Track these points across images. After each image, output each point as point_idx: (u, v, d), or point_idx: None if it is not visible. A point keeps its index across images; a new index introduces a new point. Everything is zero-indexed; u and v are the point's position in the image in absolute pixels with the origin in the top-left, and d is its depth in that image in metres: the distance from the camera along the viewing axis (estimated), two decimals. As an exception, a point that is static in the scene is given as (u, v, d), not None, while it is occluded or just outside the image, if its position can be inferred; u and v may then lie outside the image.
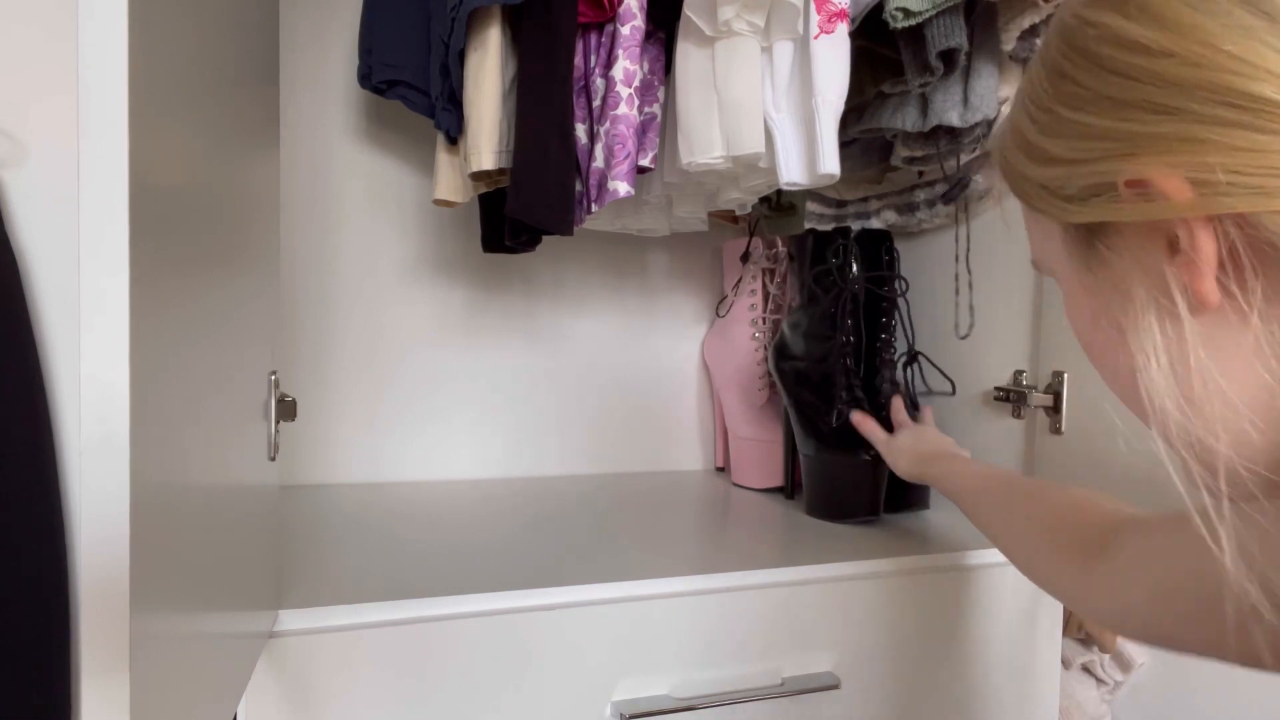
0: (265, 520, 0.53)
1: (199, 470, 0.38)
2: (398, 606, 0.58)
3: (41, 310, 0.67)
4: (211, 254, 0.40)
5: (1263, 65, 0.26)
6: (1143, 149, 0.28)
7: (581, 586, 0.63)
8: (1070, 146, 0.31)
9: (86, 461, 0.28)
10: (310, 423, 0.97)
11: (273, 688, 0.55)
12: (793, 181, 0.71)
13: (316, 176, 0.98)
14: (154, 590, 0.32)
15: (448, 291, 1.04)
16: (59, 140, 0.69)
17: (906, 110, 0.79)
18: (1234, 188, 0.26)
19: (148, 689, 0.31)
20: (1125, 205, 0.29)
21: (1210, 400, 0.29)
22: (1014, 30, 0.73)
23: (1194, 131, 0.27)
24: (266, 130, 0.53)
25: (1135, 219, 0.29)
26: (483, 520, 0.84)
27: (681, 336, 1.16)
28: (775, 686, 0.67)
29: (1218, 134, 0.26)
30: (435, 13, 0.78)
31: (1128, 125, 0.29)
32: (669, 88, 0.77)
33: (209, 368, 0.39)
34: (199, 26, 0.37)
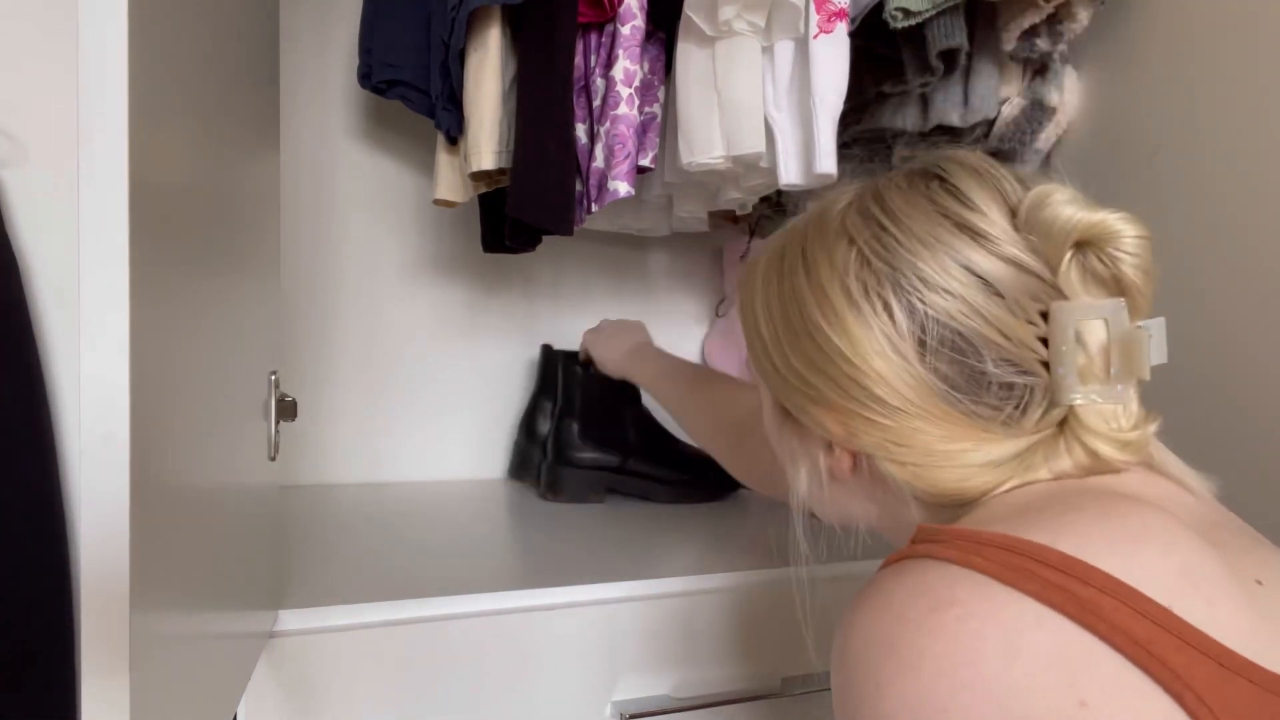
0: (265, 520, 0.53)
1: (199, 470, 0.38)
2: (398, 606, 0.58)
3: (41, 310, 0.67)
4: (211, 254, 0.40)
5: (885, 379, 0.39)
6: (821, 402, 0.42)
7: (581, 586, 0.63)
8: (791, 371, 0.43)
9: (86, 461, 0.28)
10: (310, 423, 0.97)
11: (273, 688, 0.55)
12: (791, 183, 0.71)
13: (316, 176, 0.98)
14: (154, 590, 0.32)
15: (448, 291, 1.04)
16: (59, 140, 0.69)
17: (906, 110, 0.79)
18: (865, 442, 0.41)
19: (148, 689, 0.31)
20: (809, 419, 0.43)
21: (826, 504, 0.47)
22: (1014, 30, 0.73)
23: (851, 408, 0.40)
24: (266, 130, 0.53)
25: (812, 427, 0.44)
26: (483, 520, 0.84)
27: (681, 336, 1.16)
28: (775, 686, 0.67)
29: (860, 413, 0.40)
30: (435, 13, 0.78)
31: (818, 386, 0.42)
32: (669, 88, 0.77)
33: (209, 368, 0.39)
34: (199, 26, 0.37)
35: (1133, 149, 0.75)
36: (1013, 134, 0.80)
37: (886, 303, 0.39)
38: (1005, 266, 0.38)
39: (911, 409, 0.39)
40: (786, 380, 0.44)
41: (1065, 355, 0.37)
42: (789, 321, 0.43)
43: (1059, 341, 0.37)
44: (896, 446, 0.40)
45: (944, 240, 0.38)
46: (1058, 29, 0.74)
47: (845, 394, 0.40)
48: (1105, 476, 0.38)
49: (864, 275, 0.40)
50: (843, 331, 0.40)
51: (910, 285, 0.38)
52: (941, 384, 0.38)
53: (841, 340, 0.40)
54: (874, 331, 0.39)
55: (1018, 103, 0.80)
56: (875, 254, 0.40)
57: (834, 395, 0.41)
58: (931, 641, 0.30)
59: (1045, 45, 0.74)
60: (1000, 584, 0.31)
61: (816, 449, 0.44)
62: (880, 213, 0.41)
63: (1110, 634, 0.29)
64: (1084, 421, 0.38)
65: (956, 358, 0.38)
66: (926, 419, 0.39)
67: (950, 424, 0.39)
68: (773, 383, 0.45)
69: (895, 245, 0.39)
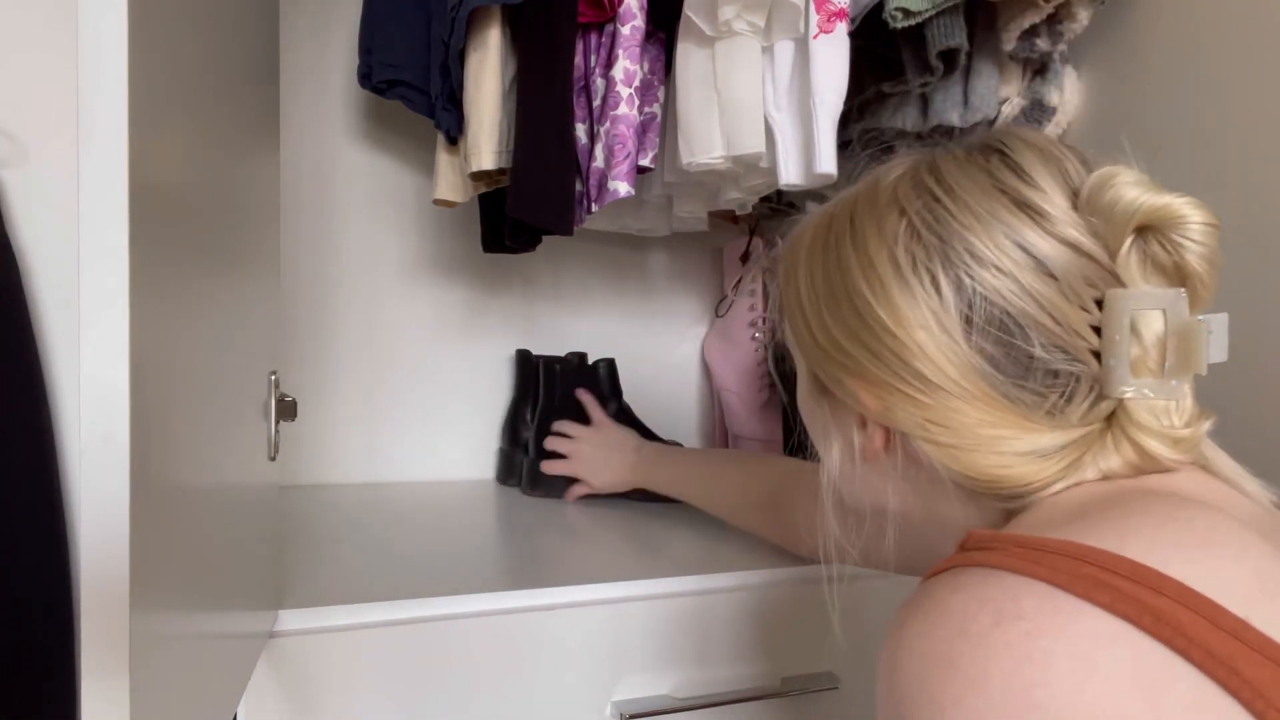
0: (265, 520, 0.53)
1: (199, 470, 0.38)
2: (398, 606, 0.58)
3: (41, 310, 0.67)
4: (211, 254, 0.40)
5: (928, 354, 0.37)
6: (859, 375, 0.41)
7: (581, 586, 0.63)
8: (830, 341, 0.42)
9: (86, 461, 0.28)
10: (310, 423, 0.97)
11: (273, 688, 0.55)
12: (791, 183, 0.71)
13: (317, 176, 0.98)
14: (154, 590, 0.32)
15: (448, 291, 1.04)
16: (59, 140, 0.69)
17: (906, 110, 0.79)
18: (901, 418, 0.39)
19: (148, 689, 0.31)
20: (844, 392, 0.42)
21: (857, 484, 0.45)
22: (1014, 30, 0.73)
23: (891, 382, 0.39)
24: (266, 130, 0.53)
25: (847, 401, 0.42)
26: (483, 520, 0.84)
27: (681, 337, 1.16)
28: (775, 686, 0.67)
29: (900, 388, 0.39)
30: (435, 13, 0.78)
31: (856, 357, 0.40)
32: (669, 88, 0.77)
33: (209, 368, 0.39)
34: (199, 26, 0.37)
35: (1133, 149, 0.75)
36: (1013, 134, 0.80)
37: (934, 276, 0.37)
38: (1061, 248, 0.36)
39: (953, 388, 0.37)
40: (825, 351, 0.42)
41: (1118, 345, 0.35)
42: (832, 290, 0.41)
43: (1112, 330, 0.35)
44: (934, 426, 0.38)
45: (999, 216, 0.37)
46: (1058, 29, 0.74)
47: (885, 367, 0.39)
48: (1159, 476, 0.36)
49: (913, 247, 0.38)
50: (887, 302, 0.38)
51: (960, 260, 0.37)
52: (986, 364, 0.37)
53: (885, 311, 0.38)
54: (919, 305, 0.37)
55: (1018, 103, 0.80)
56: (926, 225, 0.38)
57: (873, 368, 0.39)
58: (998, 659, 0.28)
59: (1045, 45, 0.74)
60: (1069, 595, 0.29)
61: (850, 425, 0.43)
62: (935, 184, 0.39)
63: (1189, 649, 0.27)
64: (1134, 416, 0.36)
65: (1003, 338, 0.36)
66: (967, 399, 0.37)
67: (992, 407, 0.37)
68: (810, 353, 0.44)
69: (948, 218, 0.38)
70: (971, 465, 0.38)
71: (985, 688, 0.28)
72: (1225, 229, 0.48)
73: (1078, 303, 0.36)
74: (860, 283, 0.40)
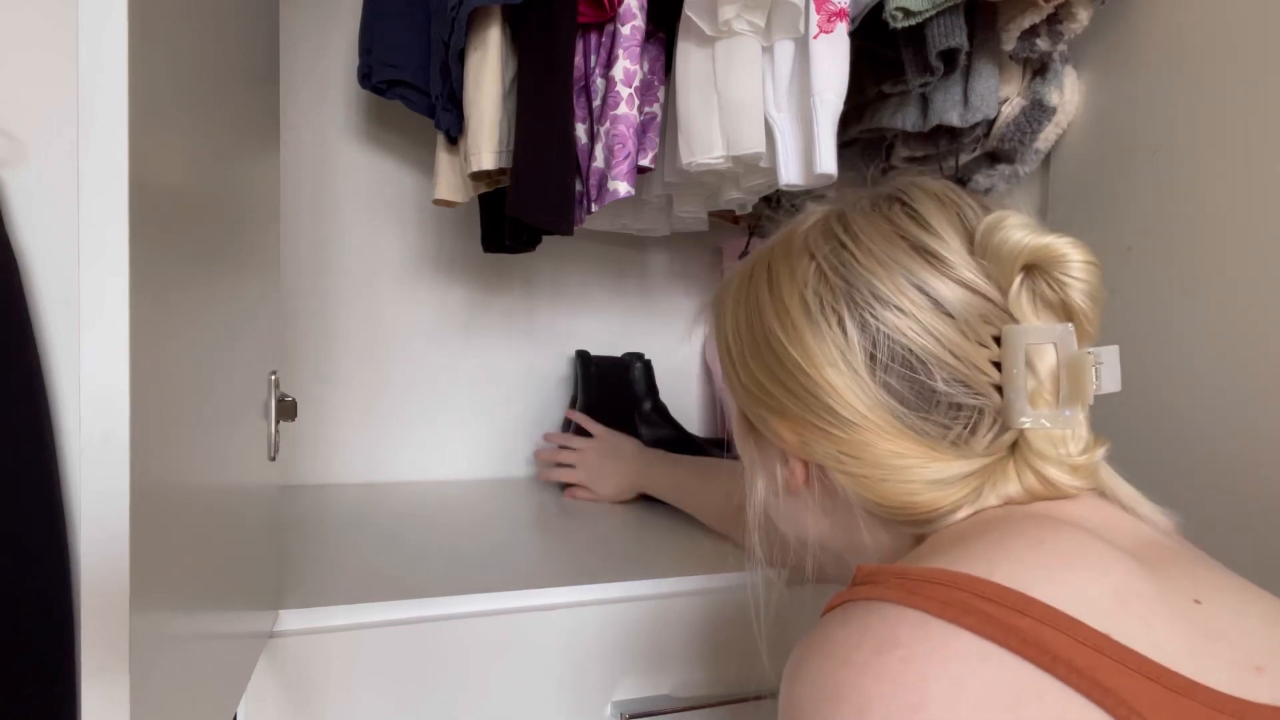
0: (265, 520, 0.53)
1: (199, 470, 0.38)
2: (398, 606, 0.58)
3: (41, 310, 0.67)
4: (211, 254, 0.40)
5: (837, 391, 0.40)
6: (779, 412, 0.43)
7: (581, 586, 0.63)
8: (753, 381, 0.45)
9: (86, 461, 0.28)
10: (310, 423, 0.97)
11: (273, 688, 0.55)
12: (791, 183, 0.71)
13: (316, 176, 0.98)
14: (154, 590, 0.32)
15: (448, 291, 1.04)
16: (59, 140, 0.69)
17: (907, 110, 0.79)
18: (817, 451, 0.42)
19: (148, 689, 0.31)
20: (767, 430, 0.45)
21: (782, 516, 0.48)
22: (1014, 30, 0.73)
23: (806, 417, 0.42)
24: (266, 130, 0.53)
25: (770, 438, 0.45)
26: (483, 520, 0.84)
27: (681, 336, 1.16)
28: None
29: (814, 423, 0.41)
30: (435, 13, 0.78)
31: (776, 396, 0.43)
32: (669, 88, 0.77)
33: (209, 368, 0.39)
34: (199, 26, 0.37)
35: (1133, 149, 0.75)
36: (1013, 134, 0.80)
37: (840, 317, 0.40)
38: (958, 288, 0.39)
39: (862, 421, 0.40)
40: (750, 391, 0.45)
41: (1015, 378, 0.38)
42: (752, 332, 0.44)
43: (1010, 364, 0.38)
44: (847, 458, 0.40)
45: (900, 261, 0.40)
46: (1058, 29, 0.74)
47: (801, 403, 0.42)
48: (1049, 503, 0.39)
49: (821, 289, 0.41)
50: (799, 342, 0.41)
51: (864, 301, 0.40)
52: (891, 399, 0.39)
53: (797, 351, 0.41)
54: (827, 344, 0.40)
55: (1018, 103, 0.80)
56: (833, 269, 0.41)
57: (790, 404, 0.42)
58: (877, 685, 0.30)
59: (1045, 45, 0.74)
60: (940, 620, 0.31)
61: (774, 461, 0.46)
62: (842, 232, 0.42)
63: (1052, 665, 0.29)
64: (1033, 446, 0.38)
65: (907, 374, 0.39)
66: (876, 432, 0.40)
67: (899, 439, 0.39)
68: (737, 393, 0.47)
69: (853, 262, 0.41)
70: (881, 493, 0.40)
71: (867, 713, 0.30)
72: (1225, 228, 0.48)
73: (976, 339, 0.39)
74: (774, 324, 0.43)
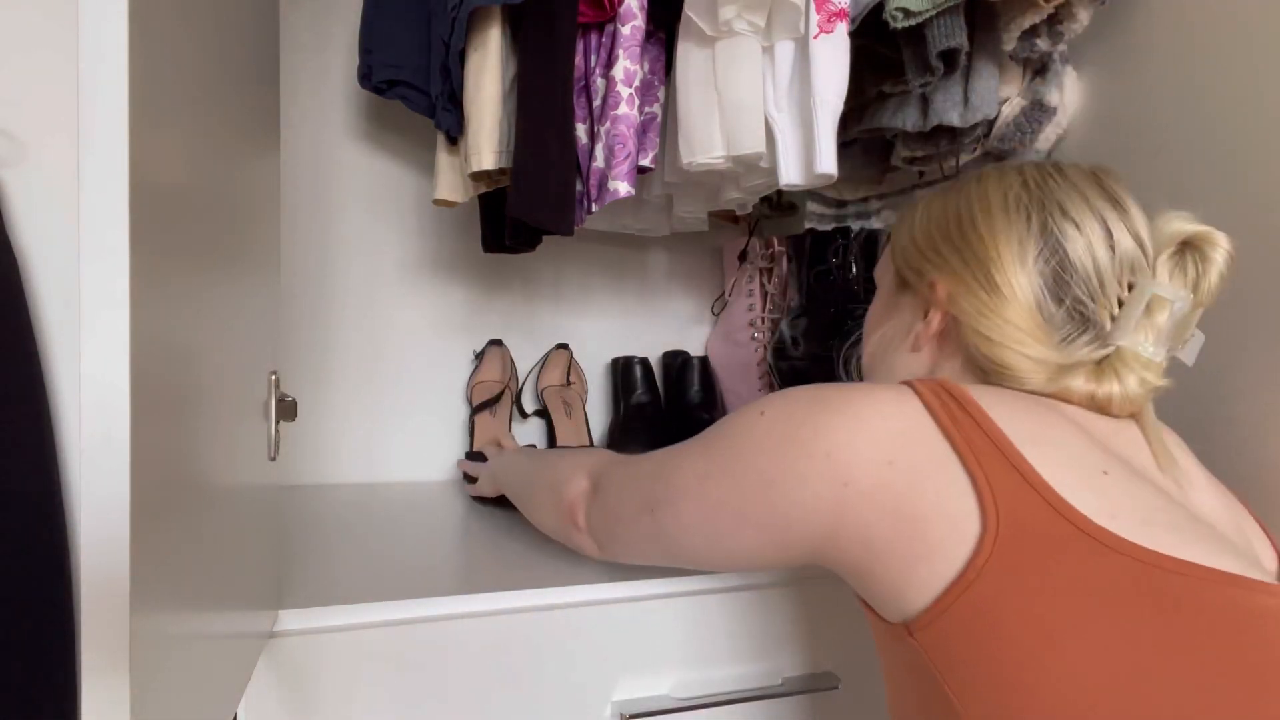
0: (265, 520, 0.53)
1: (199, 470, 0.38)
2: (398, 606, 0.58)
3: (41, 310, 0.67)
4: (212, 254, 0.40)
5: (1004, 264, 0.50)
6: (945, 270, 0.53)
7: (581, 586, 0.63)
8: (930, 245, 0.55)
9: (86, 462, 0.28)
10: (310, 423, 0.97)
11: (273, 688, 0.55)
12: (791, 183, 0.71)
13: (316, 176, 0.98)
14: (154, 590, 0.32)
15: (448, 291, 1.04)
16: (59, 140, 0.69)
17: (907, 110, 0.79)
18: (964, 306, 0.51)
19: (148, 689, 0.31)
20: (921, 285, 0.55)
21: (885, 358, 0.59)
22: (1014, 30, 0.73)
23: (966, 277, 0.51)
24: (266, 130, 0.53)
25: (922, 291, 0.55)
26: (483, 520, 0.84)
27: (681, 337, 1.16)
28: (775, 686, 0.67)
29: (972, 283, 0.51)
30: (435, 13, 0.78)
31: (946, 257, 0.53)
32: (669, 88, 0.77)
33: (209, 368, 0.39)
34: (199, 26, 0.37)
35: (1133, 149, 0.75)
36: (1013, 134, 0.80)
37: (1029, 215, 0.50)
38: (1127, 236, 0.49)
39: (1009, 294, 0.49)
40: (921, 251, 0.55)
41: (1132, 315, 0.48)
42: (946, 211, 0.54)
43: (1133, 305, 0.48)
44: (983, 317, 0.50)
45: (1093, 199, 0.50)
46: (1058, 29, 0.74)
47: (968, 267, 0.51)
48: (1083, 411, 0.49)
49: (1021, 193, 0.51)
50: (989, 221, 0.51)
51: (1052, 211, 0.50)
52: (1036, 287, 0.49)
53: (985, 227, 0.51)
54: (1011, 229, 0.50)
55: (1018, 103, 0.80)
56: (1037, 184, 0.51)
57: (958, 266, 0.52)
58: (852, 393, 0.44)
59: (1045, 45, 0.74)
60: (913, 393, 0.44)
61: (911, 316, 0.56)
62: (1051, 168, 0.52)
63: (953, 435, 0.41)
64: (1122, 358, 0.48)
65: (1058, 274, 0.49)
66: (1014, 307, 0.49)
67: (1026, 318, 0.49)
68: (906, 255, 0.57)
69: (1054, 186, 0.51)
70: (992, 354, 0.50)
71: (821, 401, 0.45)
72: (1225, 229, 0.50)
73: (1117, 276, 0.49)
74: (974, 205, 0.52)
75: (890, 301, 0.59)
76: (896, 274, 0.58)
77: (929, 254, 0.54)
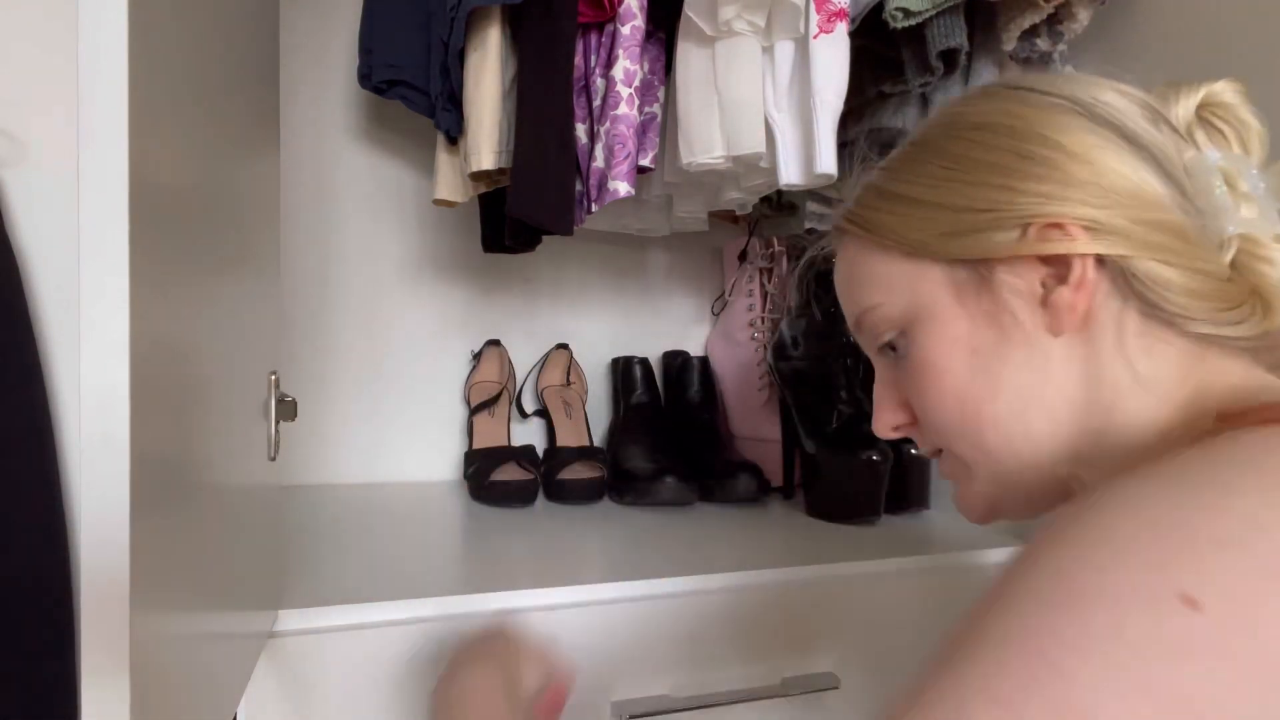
0: (265, 520, 0.53)
1: (199, 470, 0.38)
2: (398, 606, 0.58)
3: (41, 310, 0.67)
4: (212, 254, 0.40)
5: (1108, 160, 0.37)
6: (1045, 208, 0.37)
7: (581, 586, 0.63)
8: (970, 196, 0.39)
9: (86, 462, 0.28)
10: (310, 423, 0.97)
11: (273, 688, 0.55)
12: (791, 183, 0.71)
13: (316, 176, 0.98)
14: (154, 590, 0.32)
15: (448, 291, 1.04)
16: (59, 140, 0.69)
17: (907, 110, 0.79)
18: (1120, 225, 0.36)
19: (148, 689, 0.31)
20: (1032, 242, 0.37)
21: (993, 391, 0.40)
22: (1014, 30, 0.73)
23: (1080, 197, 0.36)
24: (266, 130, 0.53)
25: (1042, 252, 0.37)
26: (483, 520, 0.84)
27: (682, 337, 1.16)
28: (775, 686, 0.66)
29: (1103, 201, 0.36)
30: (435, 13, 0.78)
31: (1038, 192, 0.37)
32: (669, 88, 0.77)
33: (209, 368, 0.39)
34: (199, 26, 0.37)
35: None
36: (1013, 134, 0.80)
37: (1073, 107, 0.39)
38: (1159, 115, 0.39)
39: (1153, 197, 0.36)
40: (991, 212, 0.38)
41: (1219, 194, 0.37)
42: (990, 149, 0.39)
43: (1209, 183, 0.37)
44: (1145, 227, 0.36)
45: (1098, 88, 0.40)
46: (1058, 29, 0.74)
47: (1072, 186, 0.37)
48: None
49: (1037, 97, 0.40)
50: (1070, 133, 0.37)
51: (1081, 98, 0.39)
52: (1153, 177, 0.37)
53: (1048, 128, 0.38)
54: (1073, 122, 0.38)
55: (1018, 103, 0.80)
56: (1039, 88, 0.40)
57: (1064, 191, 0.37)
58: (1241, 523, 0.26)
59: (1045, 45, 0.74)
60: None
61: (1024, 299, 0.38)
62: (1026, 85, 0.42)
63: None
64: (1255, 245, 0.36)
65: (1157, 164, 0.37)
66: (1157, 207, 0.36)
67: (1170, 216, 0.36)
68: (964, 242, 0.39)
69: (1056, 84, 0.40)
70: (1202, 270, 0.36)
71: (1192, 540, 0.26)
72: None
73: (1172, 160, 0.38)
74: (1035, 124, 0.38)
75: (957, 306, 0.40)
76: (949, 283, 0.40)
77: (1008, 211, 0.38)
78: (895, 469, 0.85)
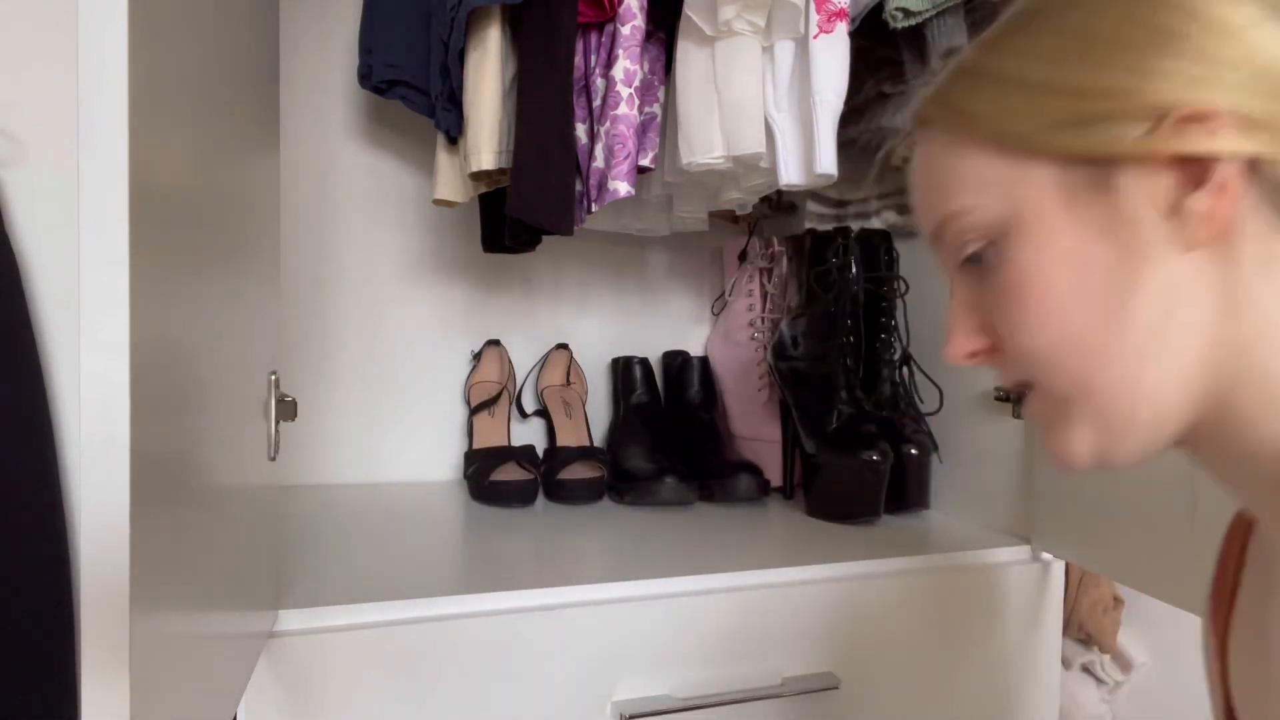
0: (265, 520, 0.53)
1: (199, 470, 0.38)
2: (398, 606, 0.58)
3: (41, 310, 0.67)
4: (212, 254, 0.40)
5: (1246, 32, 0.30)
6: (1186, 86, 0.30)
7: (581, 586, 0.63)
8: (1090, 78, 0.32)
9: (86, 462, 0.28)
10: (310, 423, 0.97)
11: (273, 688, 0.55)
12: (791, 183, 0.71)
13: (317, 176, 0.98)
14: (154, 590, 0.32)
15: (448, 291, 1.04)
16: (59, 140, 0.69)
17: (906, 110, 0.79)
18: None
19: (148, 689, 0.31)
20: (1166, 136, 0.30)
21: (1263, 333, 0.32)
22: (1014, 30, 0.73)
23: (1220, 81, 0.30)
24: (266, 130, 0.53)
25: (1179, 149, 0.30)
26: (483, 520, 0.84)
27: (682, 337, 1.16)
28: (775, 686, 0.67)
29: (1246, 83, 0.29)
30: (435, 13, 0.78)
31: (1175, 72, 0.30)
32: (669, 88, 0.77)
33: (209, 368, 0.39)
34: (199, 26, 0.37)
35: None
36: (1013, 134, 0.80)
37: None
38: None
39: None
40: (1100, 109, 0.32)
41: None
42: (1119, 20, 0.32)
43: None
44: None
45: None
46: (1058, 29, 0.74)
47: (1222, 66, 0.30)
48: None
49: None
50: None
51: None
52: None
53: (1210, 6, 0.30)
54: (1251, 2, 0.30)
55: (1018, 103, 0.80)
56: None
57: (1203, 71, 0.30)
58: None
59: (1045, 45, 0.74)
60: None
61: (1150, 207, 0.31)
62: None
63: None
64: None
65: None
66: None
67: None
68: (1081, 135, 0.32)
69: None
70: None
71: None
72: None
73: None
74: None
75: (1077, 214, 0.33)
76: (1062, 166, 0.33)
77: (1143, 89, 0.31)
78: (895, 469, 0.85)
